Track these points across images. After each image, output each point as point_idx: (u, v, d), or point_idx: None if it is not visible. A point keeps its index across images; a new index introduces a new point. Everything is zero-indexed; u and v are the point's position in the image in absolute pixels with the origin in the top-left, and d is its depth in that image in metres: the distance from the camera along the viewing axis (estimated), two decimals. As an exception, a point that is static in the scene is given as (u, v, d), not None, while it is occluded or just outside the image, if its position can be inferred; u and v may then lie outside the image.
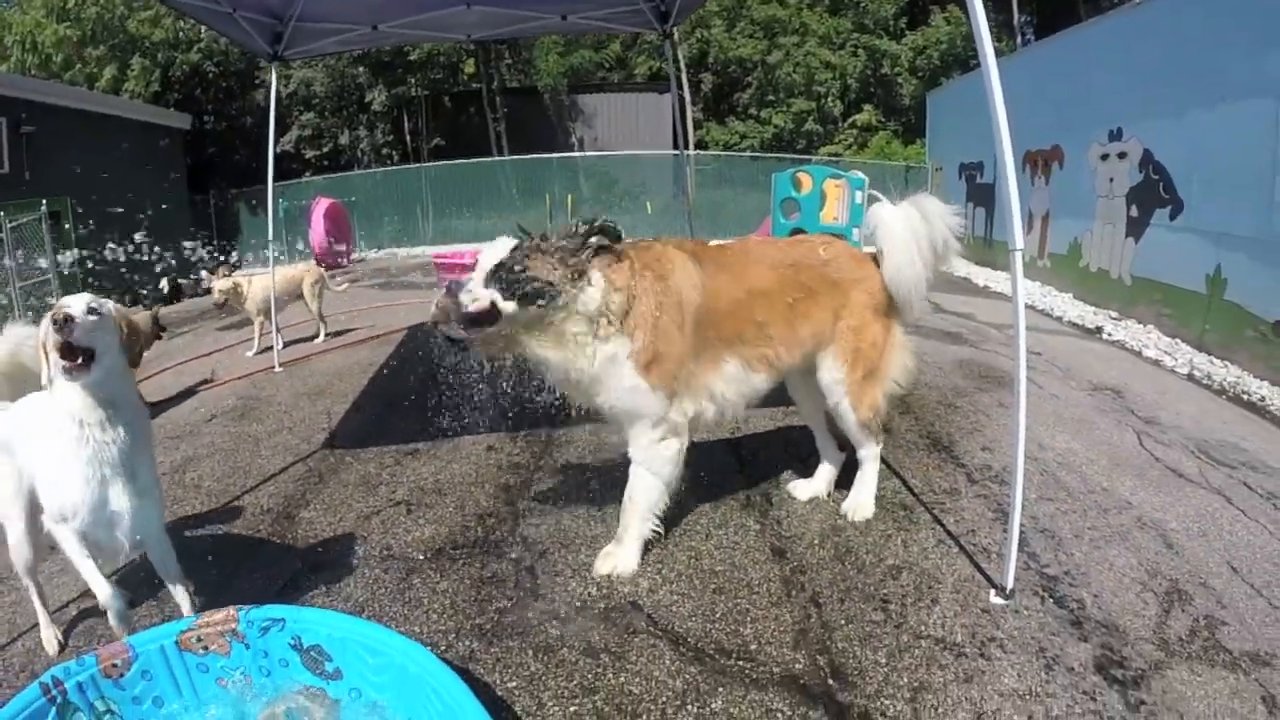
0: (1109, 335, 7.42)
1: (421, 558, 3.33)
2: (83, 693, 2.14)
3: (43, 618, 2.84)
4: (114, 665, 2.20)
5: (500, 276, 2.68)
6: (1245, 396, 5.46)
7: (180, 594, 2.68)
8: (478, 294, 2.68)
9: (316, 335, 8.03)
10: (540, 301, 2.68)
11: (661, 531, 3.18)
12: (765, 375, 3.22)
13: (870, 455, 3.49)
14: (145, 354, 2.70)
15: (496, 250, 2.76)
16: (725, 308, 3.06)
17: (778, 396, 3.75)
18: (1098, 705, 2.31)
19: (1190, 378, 6.01)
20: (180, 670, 2.28)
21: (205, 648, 2.30)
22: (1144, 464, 4.14)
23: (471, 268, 2.77)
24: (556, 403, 3.35)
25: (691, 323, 2.95)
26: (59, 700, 2.08)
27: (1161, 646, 2.58)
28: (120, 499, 2.40)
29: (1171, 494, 3.75)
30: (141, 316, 6.32)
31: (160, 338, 6.47)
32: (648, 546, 3.16)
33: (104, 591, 2.45)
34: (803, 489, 3.74)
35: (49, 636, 2.82)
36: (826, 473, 3.74)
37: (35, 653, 2.79)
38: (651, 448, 3.02)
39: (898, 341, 3.39)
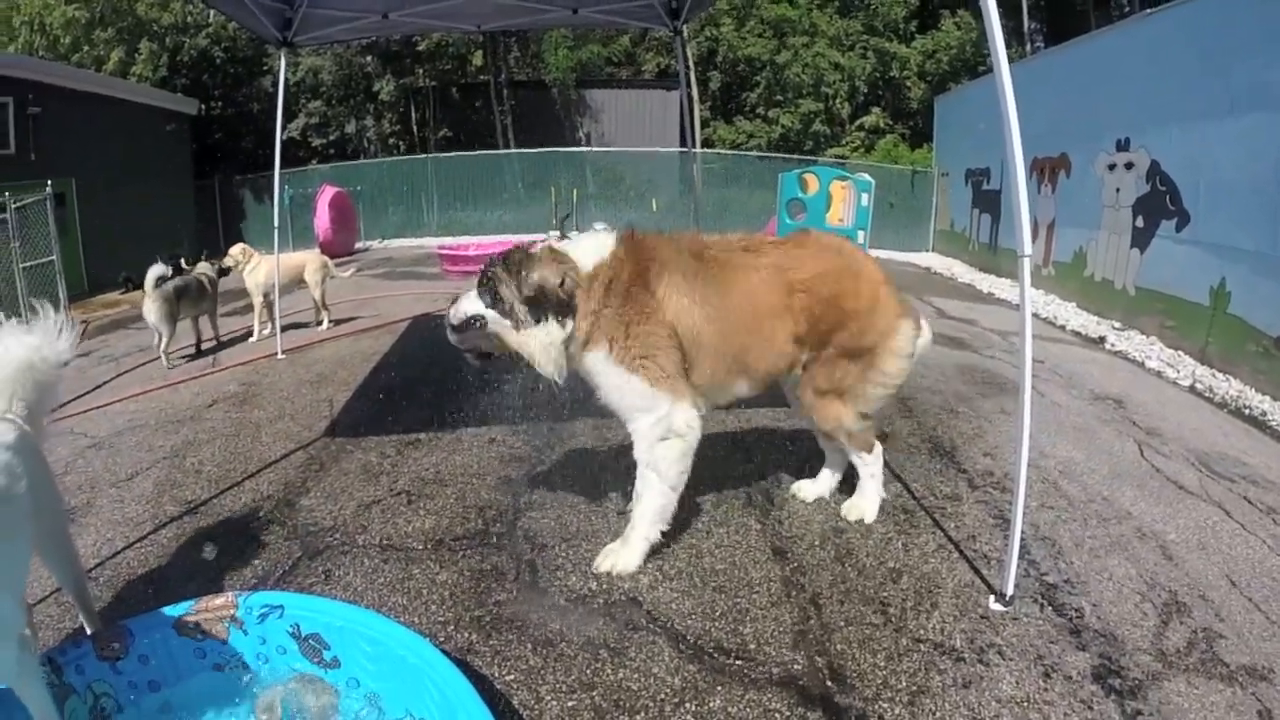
0: (1112, 345, 7.42)
1: (421, 548, 3.32)
2: (80, 674, 2.14)
3: None
4: (111, 648, 2.20)
5: (482, 284, 2.94)
6: (1247, 410, 5.46)
7: None
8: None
9: (320, 323, 8.06)
10: (508, 314, 2.89)
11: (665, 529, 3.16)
12: (766, 380, 3.26)
13: (860, 462, 3.44)
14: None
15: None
16: (733, 328, 3.05)
17: (780, 396, 3.75)
18: (1095, 714, 2.30)
19: (1192, 390, 6.01)
20: (178, 655, 2.28)
21: (203, 633, 2.30)
22: (1145, 475, 4.14)
23: (475, 259, 2.87)
24: (562, 395, 3.37)
25: (687, 330, 2.96)
26: (55, 683, 2.08)
27: (1159, 658, 2.58)
28: None
29: (1171, 505, 3.75)
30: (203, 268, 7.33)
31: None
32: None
33: None
34: (808, 490, 3.72)
35: None
36: (828, 473, 3.73)
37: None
38: (653, 448, 2.97)
39: (881, 369, 3.22)
